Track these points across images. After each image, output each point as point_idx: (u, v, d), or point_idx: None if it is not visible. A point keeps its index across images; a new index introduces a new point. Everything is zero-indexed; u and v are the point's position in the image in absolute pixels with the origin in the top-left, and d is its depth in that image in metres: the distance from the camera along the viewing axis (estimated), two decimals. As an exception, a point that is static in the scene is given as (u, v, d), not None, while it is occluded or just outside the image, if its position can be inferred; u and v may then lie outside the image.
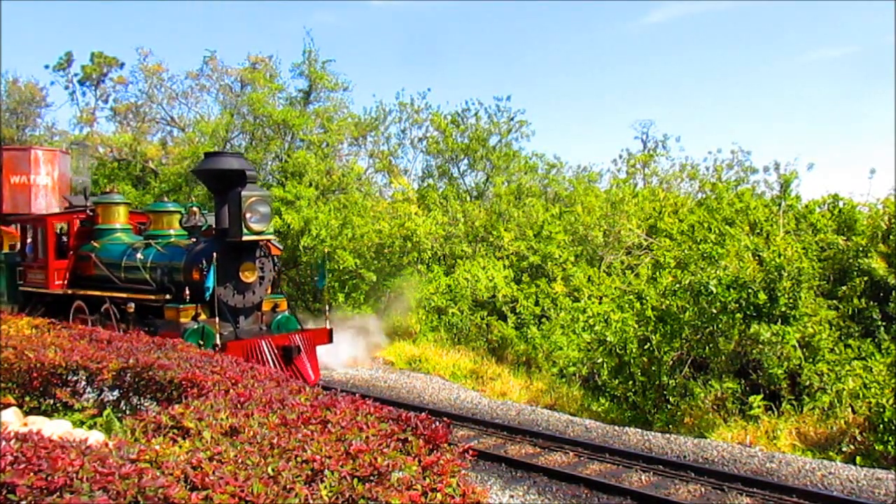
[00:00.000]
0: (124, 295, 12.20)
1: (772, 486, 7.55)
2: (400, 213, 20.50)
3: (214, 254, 10.61)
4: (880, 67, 56.32)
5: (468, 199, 24.63)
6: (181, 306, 11.00)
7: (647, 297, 12.92)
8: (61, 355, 7.14)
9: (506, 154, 25.57)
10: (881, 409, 9.12)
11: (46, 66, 36.69)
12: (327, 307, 12.95)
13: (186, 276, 11.23)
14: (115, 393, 6.75)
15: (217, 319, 10.54)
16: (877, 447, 8.97)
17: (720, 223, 14.82)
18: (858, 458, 8.92)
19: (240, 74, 28.29)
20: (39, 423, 5.72)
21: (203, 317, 11.00)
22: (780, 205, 15.61)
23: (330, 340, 11.97)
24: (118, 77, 33.10)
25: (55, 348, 7.46)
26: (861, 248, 12.71)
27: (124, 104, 32.18)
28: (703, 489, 7.64)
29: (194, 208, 12.58)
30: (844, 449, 9.26)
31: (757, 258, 12.18)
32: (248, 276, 11.33)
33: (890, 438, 8.89)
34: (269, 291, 11.97)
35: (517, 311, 16.25)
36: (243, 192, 10.74)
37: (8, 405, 7.30)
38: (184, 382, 5.65)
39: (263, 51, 37.43)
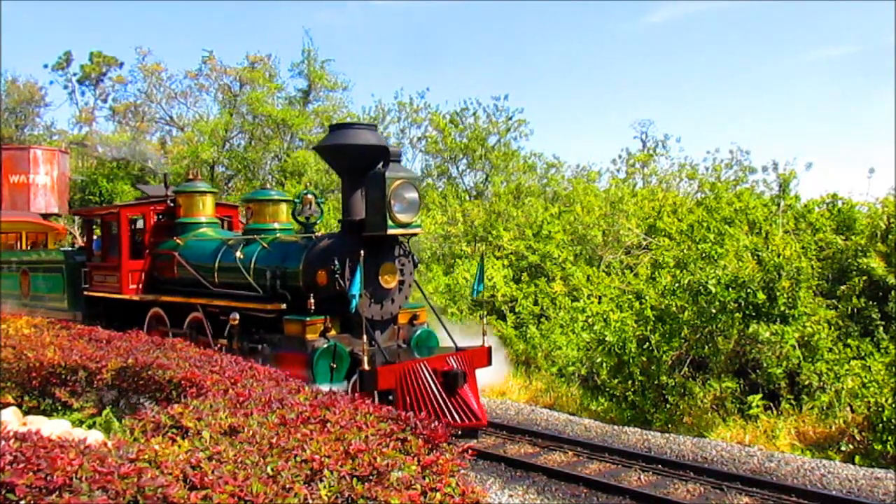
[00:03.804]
0: (222, 303, 10.15)
1: (771, 485, 7.55)
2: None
3: (362, 252, 8.41)
4: (880, 67, 56.37)
5: (467, 198, 24.66)
6: (307, 319, 8.77)
7: (647, 297, 12.92)
8: (60, 355, 7.15)
9: (504, 153, 25.62)
10: (880, 409, 9.12)
11: (45, 66, 36.82)
12: (484, 320, 10.24)
13: (308, 279, 9.18)
14: (114, 392, 6.75)
15: (365, 338, 8.33)
16: (876, 447, 8.97)
17: (719, 223, 14.81)
18: (857, 458, 8.93)
19: (239, 74, 28.30)
20: (38, 423, 5.72)
21: (333, 332, 8.91)
22: (778, 204, 15.62)
23: (489, 362, 9.63)
24: (117, 76, 33.19)
25: (54, 348, 7.46)
26: (860, 248, 12.71)
27: (123, 103, 32.26)
28: (702, 488, 7.64)
29: (309, 196, 10.43)
30: (843, 448, 9.27)
31: (756, 258, 12.18)
32: (389, 281, 9.16)
33: (889, 438, 8.89)
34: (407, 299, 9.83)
35: (516, 310, 16.26)
36: (388, 174, 8.62)
37: (7, 405, 7.29)
38: (183, 382, 5.65)
39: (263, 50, 37.41)
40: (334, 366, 8.53)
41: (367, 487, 3.24)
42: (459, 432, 8.90)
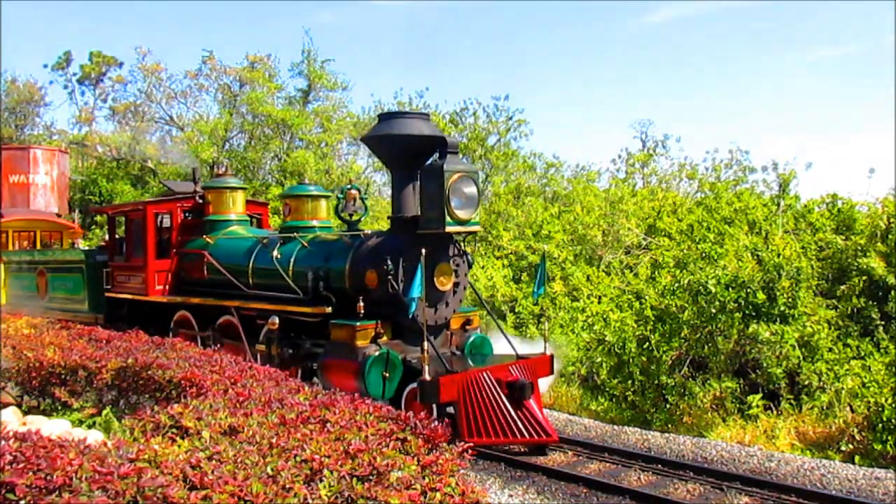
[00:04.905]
0: (259, 305, 9.52)
1: (770, 485, 7.54)
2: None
3: (423, 250, 7.71)
4: (880, 67, 56.37)
5: (467, 198, 24.60)
6: (357, 324, 8.14)
7: (646, 297, 12.93)
8: (60, 355, 7.15)
9: (504, 153, 25.62)
10: (880, 409, 9.13)
11: (45, 66, 36.86)
12: (546, 326, 9.65)
13: (355, 281, 8.59)
14: (114, 392, 6.75)
15: (426, 346, 7.68)
16: (875, 446, 8.98)
17: (719, 223, 14.83)
18: (857, 458, 8.93)
19: (238, 74, 28.29)
20: (38, 423, 5.74)
21: (385, 338, 8.31)
22: (778, 204, 15.64)
23: (551, 371, 9.08)
24: (117, 76, 33.16)
25: (54, 348, 7.46)
26: (860, 248, 12.72)
27: (123, 103, 32.22)
28: (701, 488, 7.64)
29: (353, 191, 9.66)
30: (843, 448, 9.27)
31: (756, 258, 12.19)
32: (444, 283, 8.56)
33: (888, 438, 8.90)
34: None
35: (516, 310, 16.25)
36: (446, 166, 7.95)
37: (7, 404, 7.30)
38: (183, 382, 5.66)
39: (263, 50, 37.38)
40: (387, 375, 8.01)
41: (367, 487, 3.24)
42: (526, 448, 8.52)
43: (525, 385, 8.14)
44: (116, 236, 12.69)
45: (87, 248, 15.98)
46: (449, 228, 8.06)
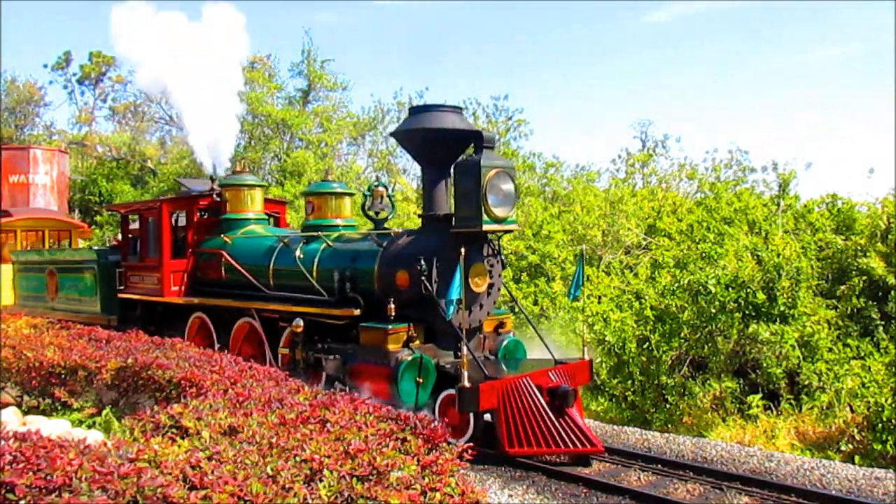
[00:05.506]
0: (282, 307, 9.17)
1: (770, 485, 7.54)
2: (399, 213, 20.52)
3: (462, 250, 7.35)
4: (881, 67, 56.36)
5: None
6: (389, 327, 7.78)
7: (646, 297, 12.93)
8: (60, 355, 7.16)
9: (504, 153, 25.62)
10: (880, 409, 9.14)
11: (45, 66, 36.89)
12: (584, 329, 9.27)
13: (385, 282, 8.26)
14: (114, 392, 6.76)
15: (466, 351, 7.35)
16: (875, 446, 8.98)
17: (719, 223, 14.84)
18: (857, 458, 8.93)
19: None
20: (38, 423, 5.75)
21: (417, 342, 7.99)
22: (778, 204, 15.64)
23: (591, 377, 8.81)
24: (117, 76, 33.20)
25: (54, 348, 7.47)
26: (860, 248, 12.73)
27: (123, 103, 32.28)
28: (701, 488, 7.63)
29: (380, 188, 9.29)
30: (843, 448, 9.27)
31: (755, 258, 12.20)
32: (479, 284, 8.19)
33: (888, 438, 8.90)
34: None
35: (516, 310, 16.25)
36: (482, 162, 7.60)
37: (7, 404, 7.31)
38: (182, 382, 5.66)
39: (262, 50, 37.41)
40: (420, 380, 7.69)
41: (366, 487, 3.24)
42: (568, 458, 8.15)
43: (568, 392, 7.83)
44: (130, 235, 12.35)
45: (86, 247, 15.92)
46: (486, 227, 7.75)
